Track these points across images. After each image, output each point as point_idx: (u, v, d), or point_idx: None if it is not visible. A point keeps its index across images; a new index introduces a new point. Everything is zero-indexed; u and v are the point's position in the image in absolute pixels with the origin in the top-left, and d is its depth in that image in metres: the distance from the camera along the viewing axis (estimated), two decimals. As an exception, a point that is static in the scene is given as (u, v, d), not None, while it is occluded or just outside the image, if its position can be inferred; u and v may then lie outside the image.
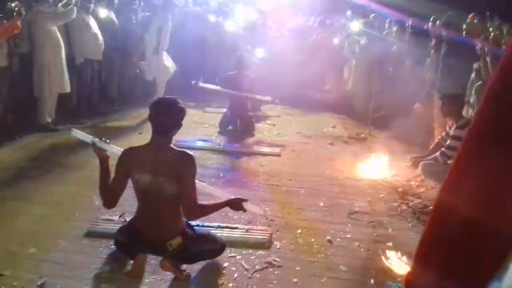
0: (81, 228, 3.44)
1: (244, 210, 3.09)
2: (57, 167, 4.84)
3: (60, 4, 6.16)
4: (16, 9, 5.01)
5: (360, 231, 3.73)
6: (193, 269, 2.97)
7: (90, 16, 6.71)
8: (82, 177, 4.50)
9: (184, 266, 2.92)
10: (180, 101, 2.86)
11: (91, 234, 3.37)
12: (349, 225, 3.84)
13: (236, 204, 3.03)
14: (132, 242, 2.89)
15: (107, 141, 2.99)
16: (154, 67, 7.49)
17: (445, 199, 0.69)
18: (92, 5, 6.73)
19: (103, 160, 2.92)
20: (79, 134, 3.19)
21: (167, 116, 2.79)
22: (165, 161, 2.76)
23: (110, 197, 2.90)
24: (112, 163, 2.93)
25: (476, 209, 0.64)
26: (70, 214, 3.73)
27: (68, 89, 6.32)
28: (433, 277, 0.70)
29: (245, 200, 3.07)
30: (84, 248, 3.21)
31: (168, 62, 7.65)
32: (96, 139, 2.97)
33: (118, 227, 3.17)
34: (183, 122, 2.89)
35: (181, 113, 2.84)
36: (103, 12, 7.20)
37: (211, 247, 3.04)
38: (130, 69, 7.96)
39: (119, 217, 3.56)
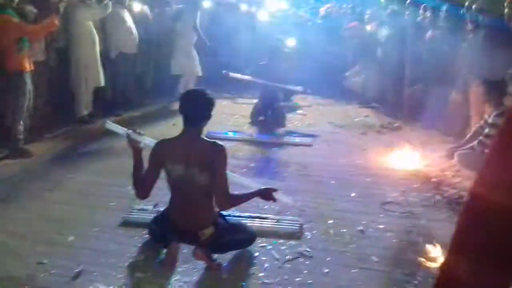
0: (116, 217, 3.54)
1: (275, 200, 3.09)
2: (93, 158, 4.99)
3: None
4: (55, 5, 5.13)
5: (393, 222, 3.67)
6: (224, 258, 3.00)
7: (125, 9, 6.82)
8: (117, 167, 4.61)
9: (215, 256, 2.96)
10: (209, 92, 2.90)
11: (126, 224, 3.46)
12: (382, 215, 3.79)
13: (267, 194, 3.04)
14: (166, 231, 2.95)
15: (141, 132, 3.05)
16: (184, 62, 7.56)
17: (480, 189, 0.68)
18: None
19: (137, 151, 2.99)
20: (114, 126, 3.26)
21: (197, 108, 2.84)
22: (197, 151, 2.81)
23: (143, 188, 2.97)
24: (146, 154, 3.00)
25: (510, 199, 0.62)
26: (106, 203, 3.84)
27: (102, 83, 6.47)
28: (467, 266, 0.69)
29: (276, 190, 3.07)
30: (119, 237, 3.30)
31: (196, 60, 7.70)
32: (130, 131, 3.03)
33: (152, 217, 3.25)
34: (213, 113, 2.93)
35: (210, 104, 2.88)
36: (137, 6, 7.31)
37: (242, 237, 3.08)
38: (164, 62, 8.04)
39: (153, 207, 3.64)
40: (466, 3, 6.13)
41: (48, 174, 4.53)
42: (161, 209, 3.35)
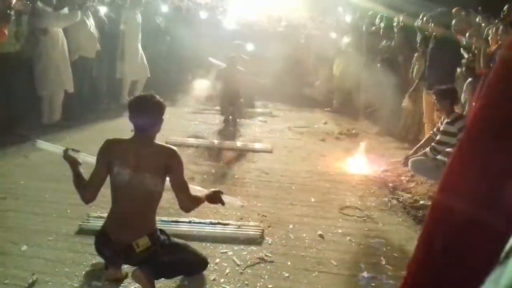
0: (72, 225, 3.44)
1: (223, 203, 2.91)
2: (49, 164, 4.82)
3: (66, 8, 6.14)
4: (5, 14, 4.92)
5: (351, 226, 3.76)
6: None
7: (88, 13, 6.67)
8: (71, 174, 4.48)
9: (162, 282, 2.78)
10: (157, 97, 2.70)
11: (82, 232, 3.37)
12: (340, 220, 3.87)
13: (214, 197, 2.86)
14: (101, 247, 2.71)
15: (76, 149, 2.93)
16: (129, 65, 7.54)
17: (442, 198, 0.70)
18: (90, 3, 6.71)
19: (74, 165, 2.83)
20: (45, 145, 3.11)
21: (146, 114, 2.65)
22: (148, 155, 2.64)
23: (88, 191, 2.72)
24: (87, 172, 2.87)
25: (473, 208, 0.65)
26: (61, 211, 3.72)
27: (72, 88, 6.40)
28: (430, 276, 0.71)
29: (222, 192, 2.91)
30: (75, 245, 3.20)
31: (143, 62, 7.72)
32: (65, 149, 2.88)
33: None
34: (164, 117, 2.74)
35: (159, 109, 2.68)
36: (100, 9, 7.17)
37: (188, 259, 2.81)
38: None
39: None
40: (420, 15, 6.41)
41: (0, 181, 4.34)
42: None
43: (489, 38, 5.11)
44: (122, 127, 6.42)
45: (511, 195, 0.63)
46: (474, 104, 0.70)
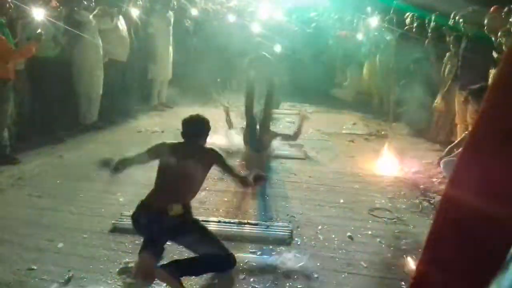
0: (105, 224, 3.54)
1: (266, 178, 3.42)
2: (82, 164, 4.96)
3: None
4: (37, 32, 5.10)
5: (381, 228, 3.72)
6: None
7: (120, 16, 6.84)
8: (107, 174, 4.60)
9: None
10: (204, 117, 3.16)
11: (116, 230, 3.46)
12: (370, 221, 3.83)
13: (258, 178, 3.17)
14: (137, 216, 2.87)
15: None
16: (158, 66, 7.70)
17: (452, 193, 0.70)
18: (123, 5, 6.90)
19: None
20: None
21: (196, 132, 3.11)
22: (194, 154, 2.98)
23: (123, 164, 3.04)
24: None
25: (480, 203, 0.65)
26: (95, 210, 3.83)
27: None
28: (438, 276, 0.71)
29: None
30: (109, 243, 3.29)
31: (169, 64, 7.89)
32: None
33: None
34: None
35: (207, 127, 3.16)
36: (134, 12, 7.34)
37: (214, 249, 2.86)
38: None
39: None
40: (452, 14, 6.29)
41: (36, 180, 4.50)
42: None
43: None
44: (151, 128, 6.57)
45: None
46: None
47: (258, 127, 5.34)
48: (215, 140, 4.64)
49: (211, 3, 9.76)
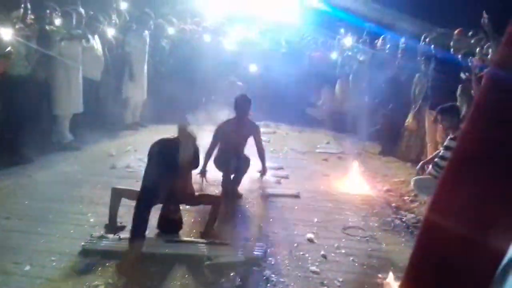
0: (75, 246, 3.44)
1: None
2: (52, 184, 4.85)
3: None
4: (7, 50, 5.03)
5: (354, 246, 3.74)
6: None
7: (95, 36, 6.80)
8: (76, 194, 4.52)
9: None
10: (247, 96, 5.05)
11: (85, 252, 3.37)
12: (344, 240, 3.85)
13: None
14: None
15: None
16: (133, 85, 7.66)
17: (433, 215, 0.69)
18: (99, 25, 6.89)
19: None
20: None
21: (246, 107, 4.94)
22: (243, 127, 4.94)
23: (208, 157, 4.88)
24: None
25: (463, 228, 0.65)
26: (65, 231, 3.73)
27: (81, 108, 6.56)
28: None
29: None
30: (78, 265, 3.20)
31: (145, 84, 7.87)
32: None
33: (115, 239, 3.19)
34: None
35: (250, 104, 5.01)
36: (110, 31, 7.32)
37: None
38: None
39: (114, 235, 3.57)
40: (422, 37, 6.51)
41: (4, 201, 4.36)
42: (122, 236, 3.36)
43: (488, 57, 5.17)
44: (124, 147, 6.49)
45: (499, 217, 0.64)
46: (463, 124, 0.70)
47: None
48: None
49: (188, 23, 9.80)
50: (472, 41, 6.11)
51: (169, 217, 3.67)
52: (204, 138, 5.01)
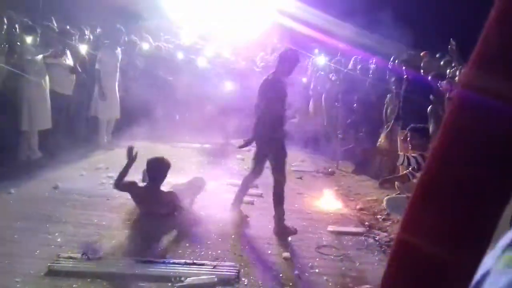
0: (41, 266, 3.31)
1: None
2: (18, 203, 4.68)
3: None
4: None
5: (328, 265, 3.73)
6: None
7: (67, 51, 6.69)
8: (44, 213, 4.37)
9: None
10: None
11: (52, 273, 3.24)
12: (317, 259, 3.84)
13: None
14: None
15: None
16: (109, 104, 7.50)
17: (404, 237, 0.69)
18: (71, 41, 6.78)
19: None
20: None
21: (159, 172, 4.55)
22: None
23: None
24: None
25: (434, 247, 0.65)
26: (30, 251, 3.58)
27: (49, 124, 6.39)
28: None
29: None
30: (44, 287, 3.08)
31: (117, 102, 7.70)
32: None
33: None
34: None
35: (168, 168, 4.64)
36: (82, 48, 7.20)
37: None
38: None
39: (81, 255, 3.45)
40: (392, 58, 6.68)
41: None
42: (90, 256, 3.26)
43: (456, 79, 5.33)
44: (95, 165, 6.35)
45: (467, 236, 0.63)
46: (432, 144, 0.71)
47: None
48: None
49: (162, 40, 9.79)
50: (442, 63, 6.31)
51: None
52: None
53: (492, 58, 0.62)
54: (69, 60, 6.69)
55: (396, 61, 6.49)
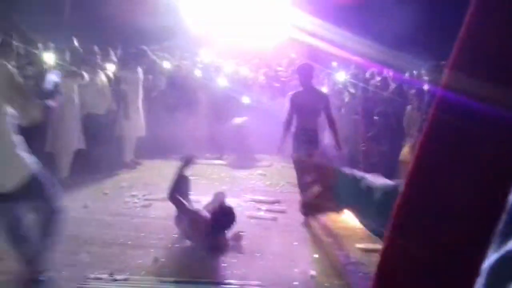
0: (68, 288, 3.34)
1: None
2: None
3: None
4: None
5: (357, 283, 3.66)
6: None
7: (97, 70, 6.83)
8: (71, 233, 4.41)
9: None
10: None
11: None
12: (345, 277, 3.77)
13: None
14: None
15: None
16: (135, 124, 7.56)
17: (385, 266, 0.70)
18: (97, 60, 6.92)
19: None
20: None
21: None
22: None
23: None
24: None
25: (423, 251, 0.65)
26: (57, 272, 3.61)
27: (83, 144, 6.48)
28: None
29: None
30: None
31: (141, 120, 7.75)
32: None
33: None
34: None
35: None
36: (110, 67, 7.33)
37: None
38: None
39: (109, 275, 3.47)
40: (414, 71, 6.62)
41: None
42: (117, 277, 3.25)
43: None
44: (119, 183, 6.41)
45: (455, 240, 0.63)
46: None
47: None
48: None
49: (177, 58, 9.91)
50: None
51: None
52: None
53: (464, 60, 0.65)
54: (101, 80, 6.80)
55: (415, 73, 6.42)
